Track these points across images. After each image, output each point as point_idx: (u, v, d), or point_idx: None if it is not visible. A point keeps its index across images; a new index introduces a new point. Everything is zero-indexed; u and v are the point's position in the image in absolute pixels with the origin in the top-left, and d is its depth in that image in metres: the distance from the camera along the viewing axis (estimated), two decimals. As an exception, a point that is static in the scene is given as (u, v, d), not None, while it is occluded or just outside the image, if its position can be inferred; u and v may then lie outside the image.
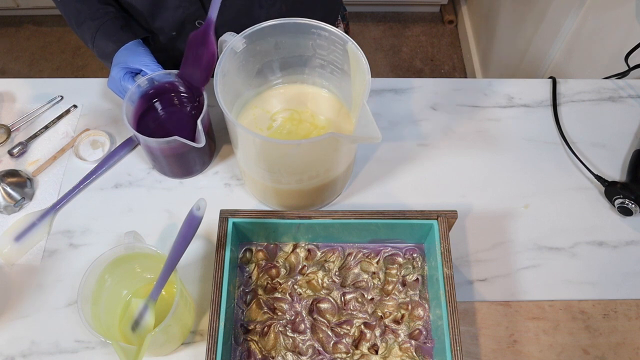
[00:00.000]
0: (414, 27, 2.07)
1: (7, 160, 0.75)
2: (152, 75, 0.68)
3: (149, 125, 0.70)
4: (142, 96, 0.69)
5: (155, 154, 0.68)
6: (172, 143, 0.64)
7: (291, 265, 0.63)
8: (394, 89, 0.82)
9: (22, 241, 0.67)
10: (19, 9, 2.03)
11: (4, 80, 0.82)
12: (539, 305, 0.64)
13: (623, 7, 0.99)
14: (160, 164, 0.71)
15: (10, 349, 0.61)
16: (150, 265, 0.59)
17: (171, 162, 0.70)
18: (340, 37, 0.60)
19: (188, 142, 0.63)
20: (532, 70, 1.38)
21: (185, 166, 0.72)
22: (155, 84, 0.69)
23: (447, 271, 0.58)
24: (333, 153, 0.61)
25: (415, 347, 0.58)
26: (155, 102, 0.71)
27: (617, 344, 0.62)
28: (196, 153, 0.70)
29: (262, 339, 0.59)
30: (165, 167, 0.72)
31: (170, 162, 0.70)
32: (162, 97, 0.71)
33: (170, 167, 0.71)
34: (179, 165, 0.71)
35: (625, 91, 0.82)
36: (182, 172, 0.73)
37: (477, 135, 0.77)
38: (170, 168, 0.72)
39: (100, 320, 0.54)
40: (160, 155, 0.68)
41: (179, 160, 0.70)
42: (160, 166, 0.72)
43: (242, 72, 0.64)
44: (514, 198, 0.72)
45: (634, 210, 0.68)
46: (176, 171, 0.72)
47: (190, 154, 0.69)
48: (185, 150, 0.67)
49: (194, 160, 0.71)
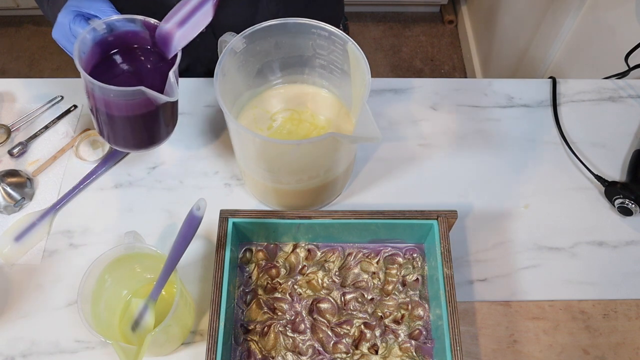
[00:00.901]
0: (414, 27, 2.07)
1: (7, 160, 0.75)
2: (112, 19, 0.56)
3: (105, 79, 0.54)
4: (97, 43, 0.56)
5: (111, 112, 0.56)
6: (138, 96, 0.53)
7: (291, 265, 0.63)
8: (394, 89, 0.82)
9: (22, 241, 0.67)
10: (19, 9, 2.03)
11: (4, 80, 0.82)
12: (539, 305, 0.64)
13: (623, 7, 0.99)
14: (114, 129, 0.59)
15: (10, 349, 0.61)
16: (150, 265, 0.59)
17: (128, 125, 0.58)
18: (340, 37, 0.60)
19: (157, 95, 0.52)
20: (532, 70, 1.38)
21: (145, 133, 0.60)
22: (115, 31, 0.57)
23: (447, 271, 0.58)
24: (333, 153, 0.61)
25: (415, 347, 0.59)
26: (113, 54, 0.58)
27: (617, 344, 0.62)
28: (160, 116, 0.58)
29: (262, 339, 0.60)
30: (119, 133, 0.59)
31: (127, 125, 0.58)
32: (123, 49, 0.59)
33: (125, 133, 0.59)
34: (138, 130, 0.59)
35: (625, 91, 0.82)
36: (139, 140, 0.61)
37: (477, 135, 0.77)
38: (125, 134, 0.59)
39: (100, 320, 0.54)
40: (117, 115, 0.56)
41: (139, 123, 0.58)
42: (112, 132, 0.59)
43: (242, 72, 0.64)
44: (514, 198, 0.72)
45: (634, 210, 0.68)
46: (132, 139, 0.60)
47: (153, 116, 0.58)
48: (148, 111, 0.56)
49: (156, 126, 0.59)
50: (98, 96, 0.54)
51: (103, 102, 0.55)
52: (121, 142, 0.60)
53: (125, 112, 0.55)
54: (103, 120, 0.58)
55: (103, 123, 0.58)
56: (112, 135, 0.60)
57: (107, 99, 0.54)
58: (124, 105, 0.54)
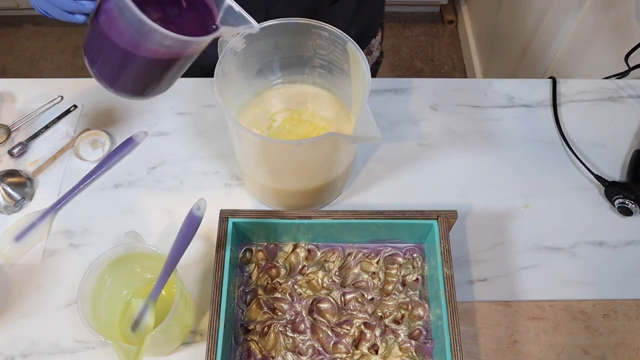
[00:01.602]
0: (414, 27, 2.07)
1: (7, 160, 0.75)
2: None
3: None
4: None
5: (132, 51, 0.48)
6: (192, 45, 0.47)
7: (291, 265, 0.63)
8: (394, 89, 0.82)
9: (22, 241, 0.67)
10: (19, 9, 2.03)
11: (4, 80, 0.82)
12: (539, 305, 0.64)
13: (623, 7, 0.99)
14: (121, 67, 0.51)
15: (10, 349, 0.61)
16: (150, 265, 0.59)
17: (142, 67, 0.50)
18: (340, 37, 0.60)
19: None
20: (532, 70, 1.38)
21: (152, 79, 0.53)
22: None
23: (447, 271, 0.58)
24: (333, 153, 0.61)
25: (415, 347, 0.58)
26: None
27: (617, 344, 0.62)
28: (178, 65, 0.52)
29: (262, 339, 0.60)
30: (124, 74, 0.51)
31: (141, 67, 0.50)
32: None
33: (130, 74, 0.52)
34: (147, 75, 0.52)
35: (625, 91, 0.82)
36: (142, 86, 0.54)
37: (477, 135, 0.77)
38: (129, 76, 0.52)
39: (100, 320, 0.54)
40: (138, 56, 0.48)
41: (154, 68, 0.51)
42: (116, 71, 0.51)
43: (242, 72, 0.64)
44: (514, 198, 0.72)
45: (634, 210, 0.68)
46: (134, 82, 0.53)
47: (171, 64, 0.51)
48: (171, 58, 0.50)
49: (167, 74, 0.53)
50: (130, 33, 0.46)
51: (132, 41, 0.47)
52: (119, 84, 0.53)
53: (149, 54, 0.48)
54: (110, 55, 0.49)
55: (107, 58, 0.50)
56: (112, 73, 0.51)
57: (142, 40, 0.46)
58: (160, 51, 0.47)
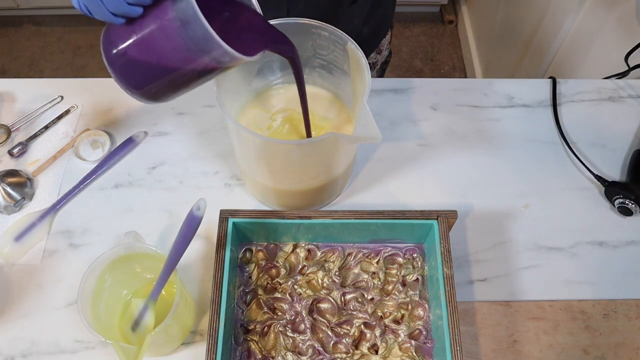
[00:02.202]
0: (414, 27, 2.07)
1: (7, 160, 0.75)
2: None
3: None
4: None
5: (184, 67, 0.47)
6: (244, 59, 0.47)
7: (291, 265, 0.63)
8: (394, 89, 0.82)
9: (22, 241, 0.67)
10: (19, 9, 2.03)
11: (4, 80, 0.82)
12: (539, 305, 0.64)
13: (623, 7, 0.99)
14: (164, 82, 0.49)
15: (10, 349, 0.61)
16: (150, 265, 0.59)
17: (185, 81, 0.49)
18: (340, 37, 0.60)
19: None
20: (532, 70, 1.38)
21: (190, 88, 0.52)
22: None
23: (447, 271, 0.58)
24: (333, 153, 0.61)
25: (415, 347, 0.59)
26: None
27: (617, 344, 0.62)
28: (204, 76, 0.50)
29: (262, 339, 0.60)
30: (164, 86, 0.50)
31: (183, 81, 0.49)
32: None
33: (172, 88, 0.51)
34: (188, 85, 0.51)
35: (625, 91, 0.82)
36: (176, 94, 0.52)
37: (477, 135, 0.77)
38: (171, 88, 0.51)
39: (100, 320, 0.54)
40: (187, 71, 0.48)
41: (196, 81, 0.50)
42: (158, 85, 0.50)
43: (242, 72, 0.64)
44: (514, 198, 0.72)
45: (634, 210, 0.68)
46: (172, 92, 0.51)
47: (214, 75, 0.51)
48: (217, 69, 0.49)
49: (203, 82, 0.51)
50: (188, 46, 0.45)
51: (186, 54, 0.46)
52: (145, 90, 0.50)
53: (198, 67, 0.47)
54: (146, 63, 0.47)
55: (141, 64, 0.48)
56: (143, 79, 0.49)
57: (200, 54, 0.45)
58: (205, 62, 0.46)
